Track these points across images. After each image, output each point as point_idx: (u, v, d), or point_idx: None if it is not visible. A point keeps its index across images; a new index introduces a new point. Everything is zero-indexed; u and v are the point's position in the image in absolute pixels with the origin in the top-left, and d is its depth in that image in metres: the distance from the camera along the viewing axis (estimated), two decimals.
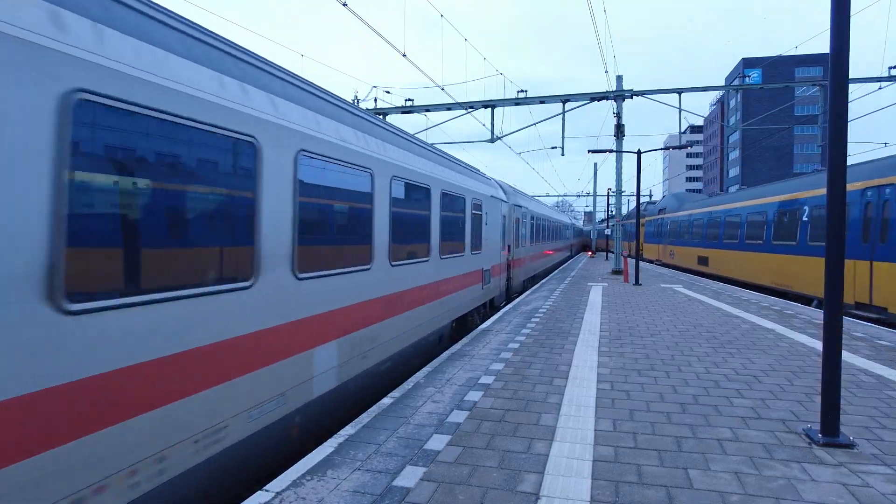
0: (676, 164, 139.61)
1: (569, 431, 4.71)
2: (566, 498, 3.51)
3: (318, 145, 4.97)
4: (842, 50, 4.44)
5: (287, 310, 4.45)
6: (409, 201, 7.35)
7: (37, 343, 2.50)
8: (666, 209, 35.39)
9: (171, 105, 3.27)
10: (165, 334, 3.22)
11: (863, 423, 5.01)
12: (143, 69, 3.08)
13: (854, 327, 10.38)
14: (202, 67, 3.59)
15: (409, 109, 23.77)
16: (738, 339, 9.11)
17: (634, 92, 23.31)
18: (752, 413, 5.27)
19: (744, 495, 3.56)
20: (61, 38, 2.62)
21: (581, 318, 11.21)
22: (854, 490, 3.67)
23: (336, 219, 5.33)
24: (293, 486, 3.65)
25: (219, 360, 3.66)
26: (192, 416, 3.41)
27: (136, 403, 3.01)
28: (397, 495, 3.53)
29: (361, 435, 4.61)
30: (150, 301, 3.10)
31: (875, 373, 6.90)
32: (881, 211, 11.89)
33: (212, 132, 3.64)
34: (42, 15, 2.53)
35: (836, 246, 4.48)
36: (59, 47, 2.61)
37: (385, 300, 6.57)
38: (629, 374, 6.69)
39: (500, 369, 6.90)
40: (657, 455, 4.22)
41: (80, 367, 2.69)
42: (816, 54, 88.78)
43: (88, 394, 2.73)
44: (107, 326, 2.84)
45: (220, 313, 3.68)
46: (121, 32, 3.00)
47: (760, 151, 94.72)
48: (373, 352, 6.17)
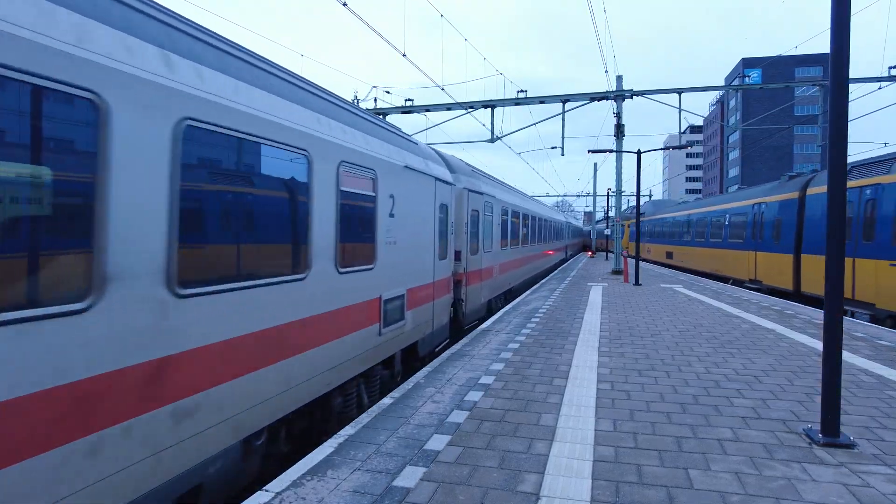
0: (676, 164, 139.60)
1: (569, 431, 4.71)
2: (566, 498, 3.50)
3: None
4: (842, 50, 4.44)
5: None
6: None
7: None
8: (644, 213, 43.26)
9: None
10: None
11: (863, 423, 5.00)
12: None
13: (854, 327, 10.38)
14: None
15: (408, 109, 23.77)
16: (739, 339, 9.11)
17: (634, 92, 23.32)
18: (753, 413, 5.27)
19: (744, 495, 3.56)
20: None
21: (581, 318, 11.20)
22: (855, 490, 3.66)
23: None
24: (293, 487, 3.65)
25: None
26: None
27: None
28: (397, 495, 3.53)
29: (361, 435, 4.61)
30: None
31: (875, 373, 6.90)
32: (864, 212, 13.40)
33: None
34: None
35: (836, 246, 4.48)
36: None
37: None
38: (629, 375, 6.69)
39: (501, 369, 6.90)
40: (657, 455, 4.22)
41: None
42: (816, 54, 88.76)
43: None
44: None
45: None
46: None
47: (760, 151, 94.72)
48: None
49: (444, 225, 9.20)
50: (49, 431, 2.56)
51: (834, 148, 4.50)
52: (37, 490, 2.50)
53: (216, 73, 3.77)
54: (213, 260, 3.64)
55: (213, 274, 3.62)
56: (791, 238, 16.74)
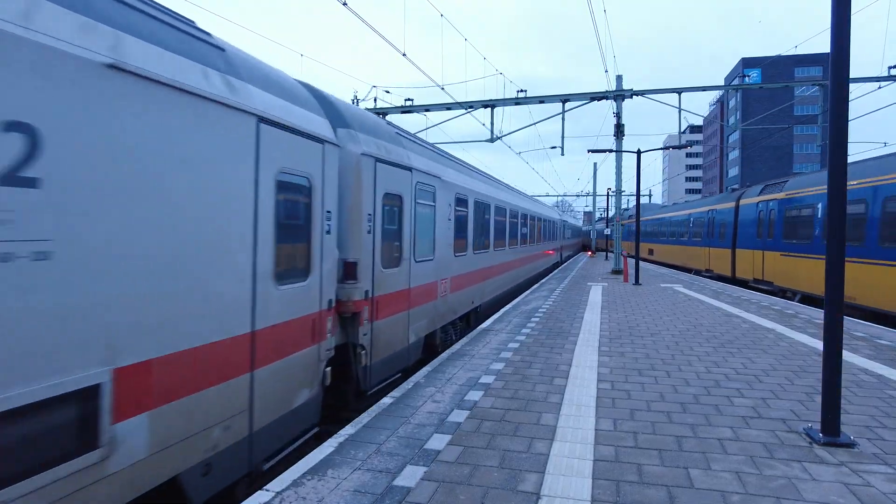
0: (676, 163, 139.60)
1: (569, 431, 4.71)
2: (567, 497, 3.51)
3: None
4: (842, 50, 4.44)
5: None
6: None
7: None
8: (632, 216, 49.11)
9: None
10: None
11: (864, 423, 5.00)
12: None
13: (855, 327, 10.38)
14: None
15: (408, 109, 23.77)
16: (739, 338, 9.11)
17: (634, 91, 23.31)
18: (753, 412, 5.27)
19: (745, 495, 3.56)
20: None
21: (581, 318, 11.20)
22: (855, 489, 3.66)
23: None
24: (293, 486, 3.65)
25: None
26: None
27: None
28: (398, 495, 3.53)
29: (362, 434, 4.61)
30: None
31: (876, 372, 6.90)
32: (768, 218, 18.40)
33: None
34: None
35: (837, 245, 4.48)
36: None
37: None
38: (629, 374, 6.69)
39: (501, 369, 6.90)
40: (658, 454, 4.22)
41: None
42: (816, 54, 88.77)
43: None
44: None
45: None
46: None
47: (760, 151, 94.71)
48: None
49: (304, 219, 5.06)
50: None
51: (834, 148, 4.50)
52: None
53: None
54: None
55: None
56: (730, 237, 22.18)
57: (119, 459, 3.01)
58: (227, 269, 3.87)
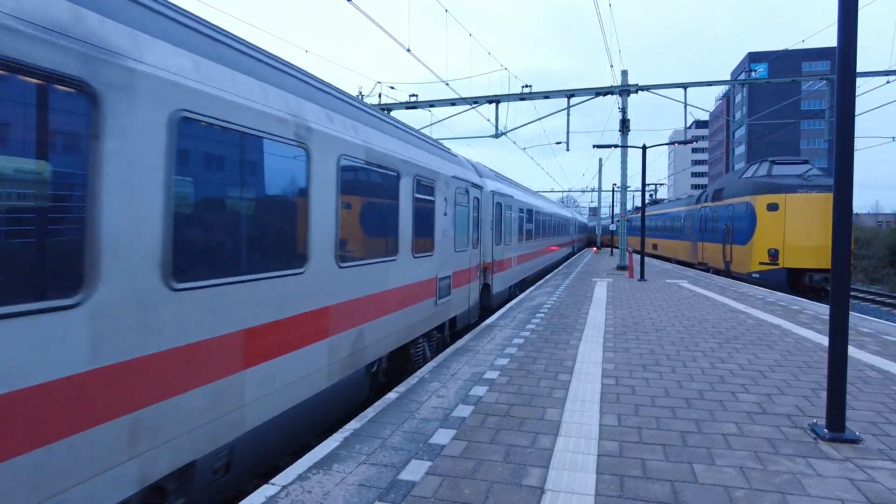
0: (682, 159, 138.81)
1: (574, 426, 4.72)
2: (571, 492, 3.52)
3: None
4: (849, 44, 4.41)
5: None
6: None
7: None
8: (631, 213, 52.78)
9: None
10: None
11: (869, 419, 4.99)
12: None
13: (861, 323, 10.33)
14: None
15: (413, 105, 23.75)
16: (744, 334, 9.09)
17: (640, 87, 23.21)
18: (758, 408, 5.26)
19: (749, 490, 3.57)
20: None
21: (586, 314, 11.20)
22: (860, 485, 3.66)
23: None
24: (299, 480, 3.68)
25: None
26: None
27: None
28: (403, 489, 3.55)
29: (367, 429, 4.64)
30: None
31: (882, 368, 6.87)
32: (706, 219, 26.52)
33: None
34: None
35: (841, 245, 4.46)
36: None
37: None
38: (634, 370, 6.69)
39: (505, 364, 6.91)
40: (662, 450, 4.22)
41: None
42: (824, 48, 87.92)
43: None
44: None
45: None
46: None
47: (766, 146, 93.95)
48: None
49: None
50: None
51: (841, 142, 4.47)
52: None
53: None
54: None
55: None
56: (696, 231, 28.91)
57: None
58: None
